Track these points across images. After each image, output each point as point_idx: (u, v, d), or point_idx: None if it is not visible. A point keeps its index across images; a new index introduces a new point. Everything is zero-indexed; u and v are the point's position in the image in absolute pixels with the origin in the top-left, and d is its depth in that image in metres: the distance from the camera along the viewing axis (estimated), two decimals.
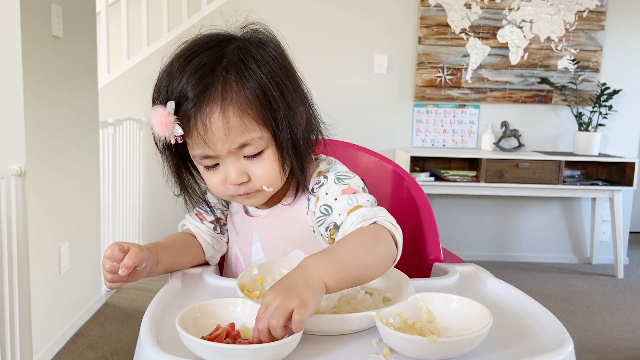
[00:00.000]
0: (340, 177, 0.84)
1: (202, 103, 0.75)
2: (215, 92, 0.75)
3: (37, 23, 1.88)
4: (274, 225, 0.90)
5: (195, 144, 0.78)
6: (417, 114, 3.43)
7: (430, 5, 3.31)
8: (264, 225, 0.91)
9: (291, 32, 3.80)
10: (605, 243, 3.56)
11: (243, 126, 0.76)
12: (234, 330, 0.61)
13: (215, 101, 0.75)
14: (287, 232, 0.89)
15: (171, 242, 0.89)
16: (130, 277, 0.76)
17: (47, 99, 1.97)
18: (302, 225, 0.87)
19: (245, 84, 0.76)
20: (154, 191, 3.32)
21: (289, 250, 0.89)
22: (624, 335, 2.46)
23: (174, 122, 0.76)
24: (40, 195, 1.93)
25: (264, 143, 0.79)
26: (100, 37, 2.89)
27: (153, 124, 0.77)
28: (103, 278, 0.77)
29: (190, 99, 0.75)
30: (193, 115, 0.75)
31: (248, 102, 0.76)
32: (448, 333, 0.62)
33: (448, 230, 3.52)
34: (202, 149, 0.78)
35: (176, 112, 0.76)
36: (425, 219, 1.04)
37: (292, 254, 0.88)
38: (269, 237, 0.91)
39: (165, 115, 0.75)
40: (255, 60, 0.78)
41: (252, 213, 0.93)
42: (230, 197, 0.84)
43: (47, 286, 2.02)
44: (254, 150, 0.78)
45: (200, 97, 0.75)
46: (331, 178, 0.84)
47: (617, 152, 3.44)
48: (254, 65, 0.77)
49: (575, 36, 3.36)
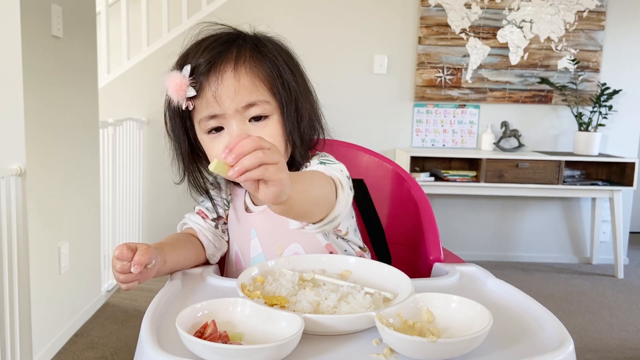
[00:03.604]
0: (323, 161, 0.86)
1: (216, 64, 0.80)
2: (230, 56, 0.81)
3: (37, 23, 1.88)
4: (271, 220, 0.90)
5: (205, 104, 0.81)
6: (417, 114, 3.43)
7: (430, 5, 3.31)
8: (261, 221, 0.92)
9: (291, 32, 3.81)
10: (605, 243, 3.56)
11: (253, 86, 0.81)
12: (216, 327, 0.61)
13: (229, 62, 0.81)
14: (284, 227, 0.89)
15: (174, 242, 0.89)
16: (141, 276, 0.76)
17: (47, 99, 1.97)
18: None
19: (259, 56, 0.83)
20: (154, 191, 3.32)
21: (287, 244, 0.89)
22: (624, 335, 2.46)
23: (187, 84, 0.80)
24: (40, 195, 1.93)
25: (270, 109, 0.82)
26: (100, 37, 2.89)
27: (167, 88, 0.81)
28: (116, 281, 0.76)
29: (204, 61, 0.80)
30: (206, 75, 0.80)
31: (260, 68, 0.82)
32: (448, 333, 0.62)
33: (448, 230, 3.52)
34: (211, 108, 0.81)
35: (190, 76, 0.80)
36: (425, 219, 1.04)
37: (290, 247, 0.89)
38: (266, 232, 0.91)
39: (180, 78, 0.80)
40: (270, 44, 0.86)
41: (252, 209, 0.94)
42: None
43: (47, 286, 2.02)
44: (260, 112, 0.82)
45: (215, 59, 0.80)
46: (314, 162, 0.87)
47: (617, 152, 3.44)
48: (270, 45, 0.85)
49: (575, 36, 3.36)
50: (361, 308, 0.67)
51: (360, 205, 1.08)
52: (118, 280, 0.74)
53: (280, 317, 0.62)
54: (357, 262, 0.81)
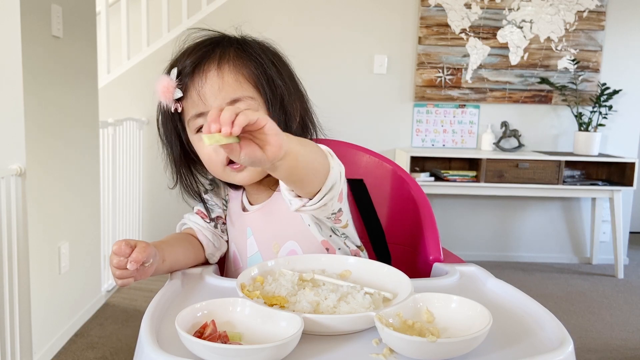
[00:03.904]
0: None
1: (200, 64, 0.83)
2: (213, 57, 0.83)
3: (37, 23, 1.88)
4: (266, 218, 0.91)
5: (191, 103, 0.83)
6: (417, 114, 3.43)
7: (430, 5, 3.31)
8: (256, 219, 0.92)
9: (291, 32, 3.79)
10: (605, 243, 3.56)
11: (237, 83, 0.82)
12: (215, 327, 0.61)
13: (212, 62, 0.83)
14: (280, 224, 0.90)
15: (173, 241, 0.89)
16: (138, 274, 0.76)
17: (47, 99, 1.97)
18: (294, 216, 0.88)
19: (244, 55, 0.84)
20: (154, 191, 3.32)
21: (282, 242, 0.89)
22: (624, 335, 2.46)
23: (174, 86, 0.82)
24: (40, 195, 1.93)
25: (256, 105, 0.83)
26: (100, 37, 2.89)
27: (156, 91, 0.83)
28: (112, 276, 0.77)
29: (189, 63, 0.83)
30: (191, 75, 0.82)
31: (244, 67, 0.83)
32: (448, 333, 0.62)
33: (448, 230, 3.52)
34: (196, 107, 0.83)
35: (177, 79, 0.83)
36: (425, 219, 1.04)
37: (286, 245, 0.89)
38: (262, 230, 0.92)
39: (167, 81, 0.83)
40: (255, 45, 0.87)
41: (248, 208, 0.94)
42: (222, 170, 0.86)
43: (47, 286, 2.02)
44: (245, 107, 0.82)
45: (199, 60, 0.83)
46: None
47: (617, 152, 3.44)
48: (255, 46, 0.86)
49: (575, 36, 3.36)
50: (361, 308, 0.66)
51: (360, 205, 1.08)
52: (114, 276, 0.75)
53: (279, 317, 0.62)
54: (357, 262, 0.81)
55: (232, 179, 0.88)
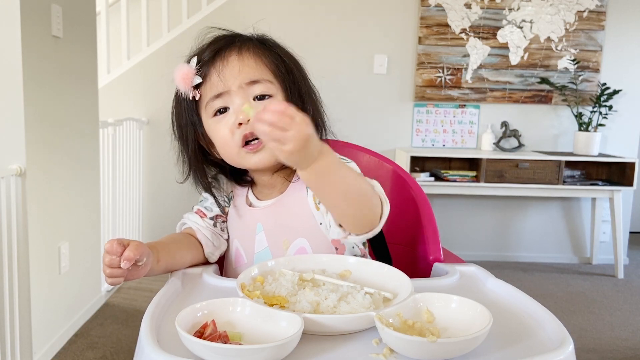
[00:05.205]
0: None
1: (221, 50, 0.85)
2: (234, 46, 0.86)
3: (37, 23, 1.88)
4: (279, 214, 0.91)
5: (209, 87, 0.84)
6: (417, 114, 3.43)
7: (430, 5, 3.31)
8: (268, 215, 0.92)
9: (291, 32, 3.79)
10: (605, 243, 3.56)
11: (256, 65, 0.85)
12: (215, 327, 0.61)
13: (234, 49, 0.86)
14: (291, 221, 0.90)
15: (169, 241, 0.89)
16: (131, 274, 0.76)
17: (47, 99, 1.97)
18: (305, 213, 0.88)
19: (263, 47, 0.88)
20: (154, 191, 3.32)
21: (293, 239, 0.89)
22: (624, 335, 2.46)
23: (194, 73, 0.84)
24: (40, 195, 1.93)
25: (274, 89, 0.85)
26: (100, 37, 2.89)
27: (175, 79, 0.85)
28: (103, 274, 0.77)
29: (210, 51, 0.85)
30: (211, 61, 0.84)
31: (263, 55, 0.86)
32: (448, 333, 0.62)
33: (448, 230, 3.52)
34: (215, 88, 0.84)
35: (197, 67, 0.85)
36: (425, 219, 1.04)
37: (296, 242, 0.89)
38: (273, 226, 0.91)
39: (187, 68, 0.84)
40: (273, 42, 0.90)
41: (255, 204, 0.94)
42: (237, 153, 0.86)
43: (47, 286, 2.02)
44: (263, 90, 0.84)
45: (220, 48, 0.85)
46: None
47: (617, 152, 3.44)
48: (273, 42, 0.90)
49: (575, 36, 3.36)
50: (361, 308, 0.67)
51: None
52: (105, 274, 0.75)
53: (280, 317, 0.62)
54: (357, 262, 0.81)
55: (247, 161, 0.87)
